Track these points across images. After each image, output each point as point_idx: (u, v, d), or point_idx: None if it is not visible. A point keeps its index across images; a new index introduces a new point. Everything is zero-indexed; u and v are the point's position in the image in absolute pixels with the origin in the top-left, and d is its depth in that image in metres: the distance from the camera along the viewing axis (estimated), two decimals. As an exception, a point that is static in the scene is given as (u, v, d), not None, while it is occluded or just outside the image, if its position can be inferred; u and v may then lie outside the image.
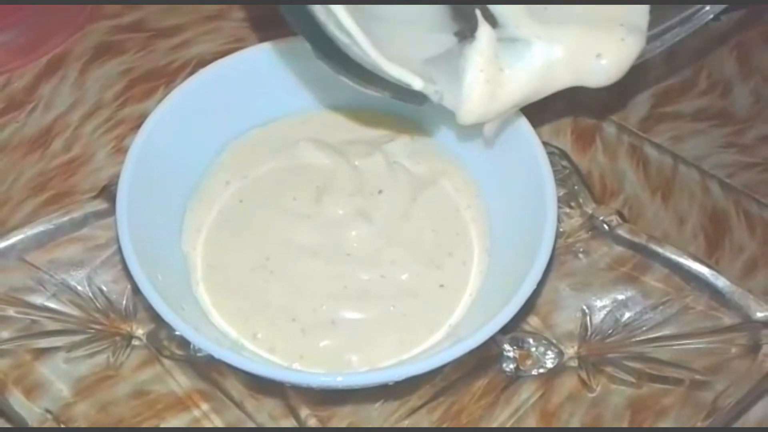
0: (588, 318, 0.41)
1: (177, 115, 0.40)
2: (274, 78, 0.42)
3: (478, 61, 0.34)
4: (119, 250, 0.36)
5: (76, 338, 0.40)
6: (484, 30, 0.34)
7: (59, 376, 0.39)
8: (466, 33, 0.35)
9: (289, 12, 0.32)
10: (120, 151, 0.47)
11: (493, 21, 0.35)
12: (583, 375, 0.40)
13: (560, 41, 0.34)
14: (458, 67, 0.35)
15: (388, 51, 0.33)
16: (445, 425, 0.39)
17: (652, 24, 0.35)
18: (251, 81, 0.42)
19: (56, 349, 0.40)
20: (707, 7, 0.36)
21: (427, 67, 0.35)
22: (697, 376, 0.39)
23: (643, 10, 0.35)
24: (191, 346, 0.40)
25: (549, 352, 0.41)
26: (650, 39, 0.36)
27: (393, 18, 0.35)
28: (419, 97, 0.35)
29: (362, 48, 0.33)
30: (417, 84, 0.34)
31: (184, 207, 0.41)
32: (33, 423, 0.38)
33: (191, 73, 0.41)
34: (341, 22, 0.32)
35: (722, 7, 0.36)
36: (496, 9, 0.35)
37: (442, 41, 0.36)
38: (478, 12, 0.34)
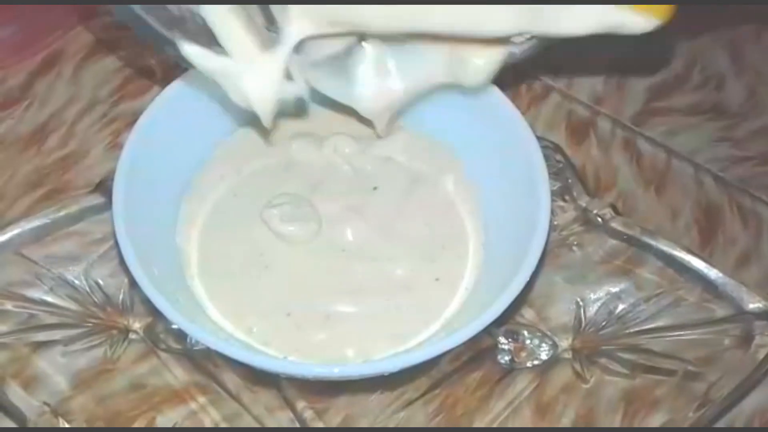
0: (582, 310, 0.42)
1: (172, 110, 0.40)
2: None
3: (369, 67, 0.37)
4: (116, 245, 0.36)
5: (74, 332, 0.40)
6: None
7: (57, 369, 0.39)
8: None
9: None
10: (115, 147, 0.47)
11: None
12: (578, 367, 0.40)
13: (438, 45, 0.37)
14: (348, 68, 0.37)
15: None
16: (440, 417, 0.39)
17: None
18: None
19: (54, 342, 0.40)
20: None
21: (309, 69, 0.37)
22: (690, 367, 0.39)
23: None
24: (188, 340, 0.40)
25: (543, 345, 0.41)
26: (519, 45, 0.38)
27: None
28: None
29: None
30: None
31: (179, 201, 0.41)
32: (31, 416, 0.38)
33: (186, 70, 0.41)
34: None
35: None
36: None
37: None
38: None
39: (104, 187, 0.42)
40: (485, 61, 0.36)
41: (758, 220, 0.46)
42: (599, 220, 0.43)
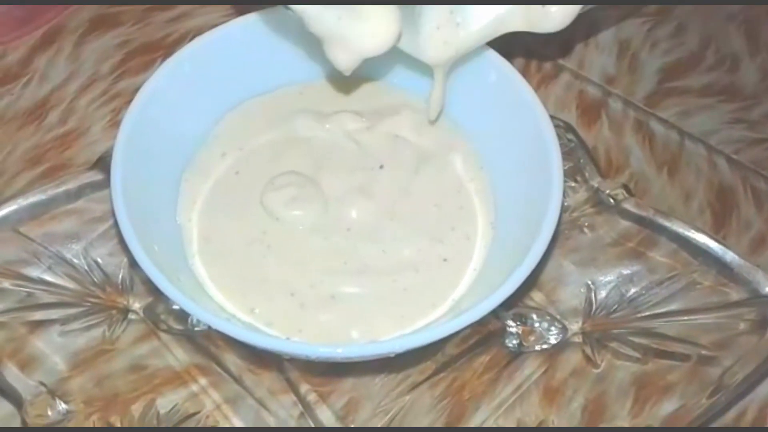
0: (593, 293, 0.41)
1: (172, 85, 0.39)
2: (270, 47, 0.41)
3: (434, 17, 0.36)
4: (115, 224, 0.35)
5: (72, 311, 0.40)
6: None
7: (55, 349, 0.39)
8: None
9: None
10: (116, 124, 0.47)
11: None
12: (588, 351, 0.40)
13: None
14: (414, 15, 0.36)
15: None
16: (446, 400, 0.39)
17: None
18: (247, 50, 0.41)
19: (52, 322, 0.39)
20: None
21: None
22: (704, 352, 0.39)
23: None
24: (189, 320, 0.39)
25: (553, 328, 0.40)
26: None
27: None
28: None
29: None
30: None
31: (179, 178, 0.40)
32: (27, 396, 0.37)
33: (185, 44, 0.40)
34: None
35: None
36: None
37: None
38: None
39: (104, 163, 0.42)
40: (560, 7, 0.36)
41: (772, 202, 0.45)
42: (611, 201, 0.42)
